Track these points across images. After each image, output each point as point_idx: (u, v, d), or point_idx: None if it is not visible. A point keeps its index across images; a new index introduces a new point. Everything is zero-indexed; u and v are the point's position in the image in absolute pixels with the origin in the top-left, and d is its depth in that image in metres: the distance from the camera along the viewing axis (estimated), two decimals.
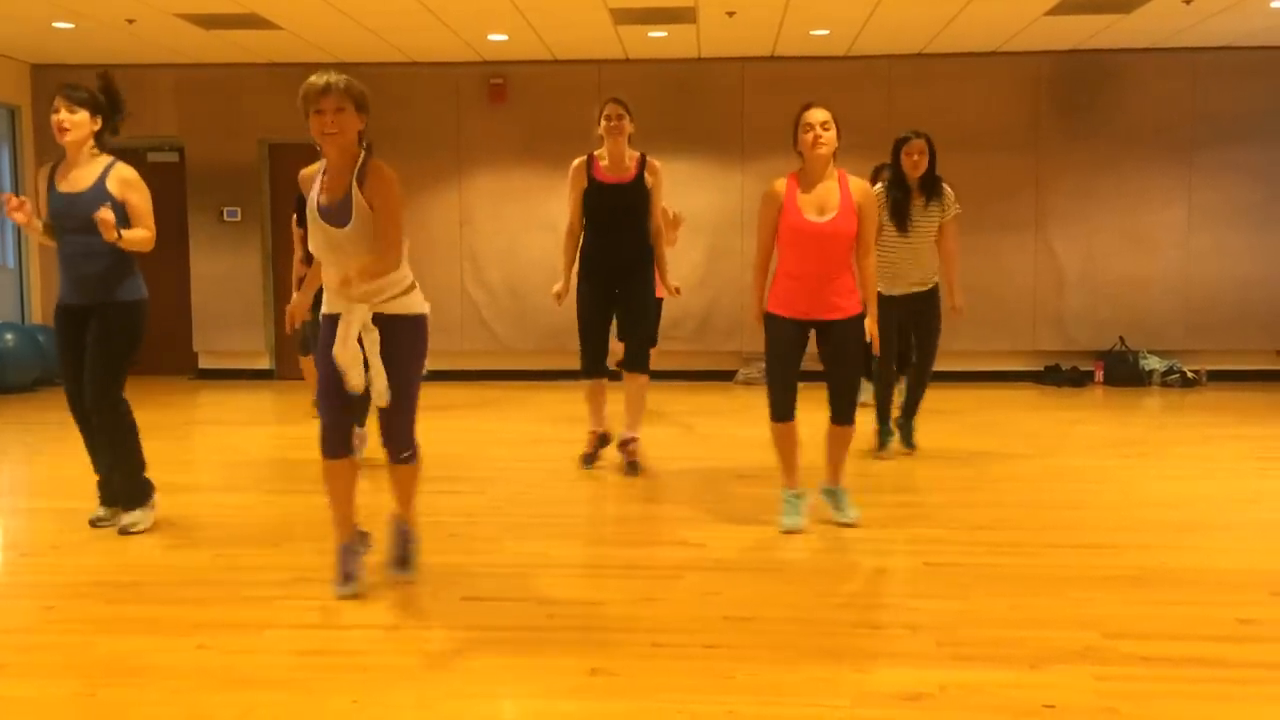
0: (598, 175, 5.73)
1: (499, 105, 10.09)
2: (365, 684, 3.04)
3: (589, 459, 6.02)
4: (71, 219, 4.47)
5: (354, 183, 3.58)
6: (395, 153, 10.66)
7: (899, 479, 5.83)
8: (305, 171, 3.77)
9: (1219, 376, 9.96)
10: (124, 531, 4.61)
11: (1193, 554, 4.35)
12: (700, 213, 9.47)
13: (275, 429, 8.05)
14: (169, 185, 10.40)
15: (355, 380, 3.63)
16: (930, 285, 6.23)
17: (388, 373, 3.66)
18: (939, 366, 6.55)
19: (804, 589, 3.91)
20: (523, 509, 5.20)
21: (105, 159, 4.57)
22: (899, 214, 6.08)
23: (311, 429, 7.32)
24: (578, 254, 5.91)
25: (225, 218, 10.42)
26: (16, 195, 4.52)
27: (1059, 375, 10.00)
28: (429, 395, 8.27)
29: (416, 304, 3.77)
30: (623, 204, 5.72)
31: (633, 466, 5.86)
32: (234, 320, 10.48)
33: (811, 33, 9.14)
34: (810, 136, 4.51)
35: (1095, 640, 3.34)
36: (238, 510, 5.15)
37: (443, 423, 6.38)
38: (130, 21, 8.58)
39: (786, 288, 4.60)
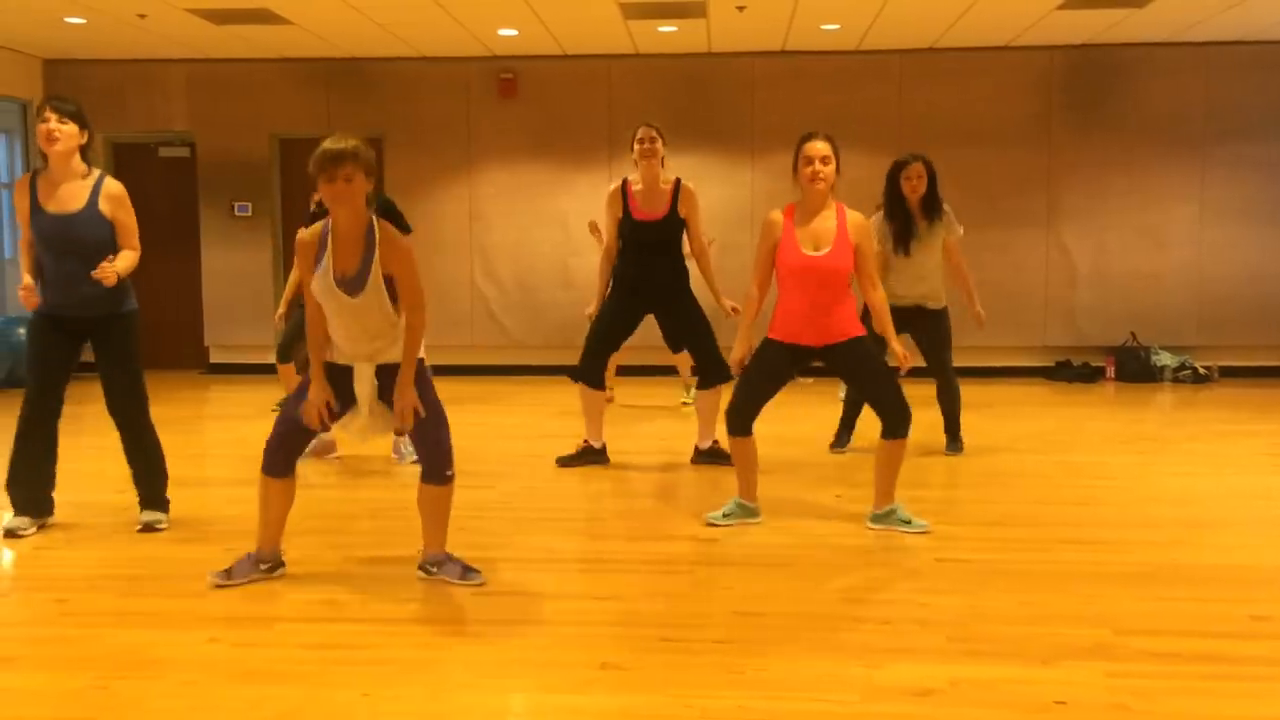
0: (633, 210, 5.74)
1: (509, 100, 10.09)
2: (375, 677, 3.05)
3: (568, 461, 5.98)
4: (67, 242, 4.37)
5: (373, 255, 3.68)
6: (405, 147, 10.71)
7: (909, 475, 5.79)
8: (307, 237, 3.76)
9: (1231, 373, 9.92)
10: (149, 529, 4.59)
11: (1205, 550, 4.34)
12: (709, 208, 9.43)
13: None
14: (180, 180, 10.44)
15: (376, 428, 3.88)
16: (940, 305, 6.16)
17: (424, 408, 3.80)
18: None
19: (814, 584, 3.90)
20: (532, 503, 5.20)
21: (93, 174, 4.48)
22: (902, 241, 6.05)
23: None
24: (612, 275, 5.95)
25: (236, 212, 10.44)
26: (34, 288, 4.47)
27: (1070, 371, 9.97)
28: (438, 389, 8.27)
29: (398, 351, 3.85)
30: (657, 239, 5.76)
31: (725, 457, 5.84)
32: (245, 314, 10.50)
33: (822, 27, 9.11)
34: (810, 171, 4.49)
35: (1107, 636, 3.33)
36: (248, 504, 5.12)
37: (452, 417, 6.38)
38: (142, 16, 8.60)
39: (786, 315, 4.59)
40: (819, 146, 4.52)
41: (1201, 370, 9.77)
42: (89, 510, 4.93)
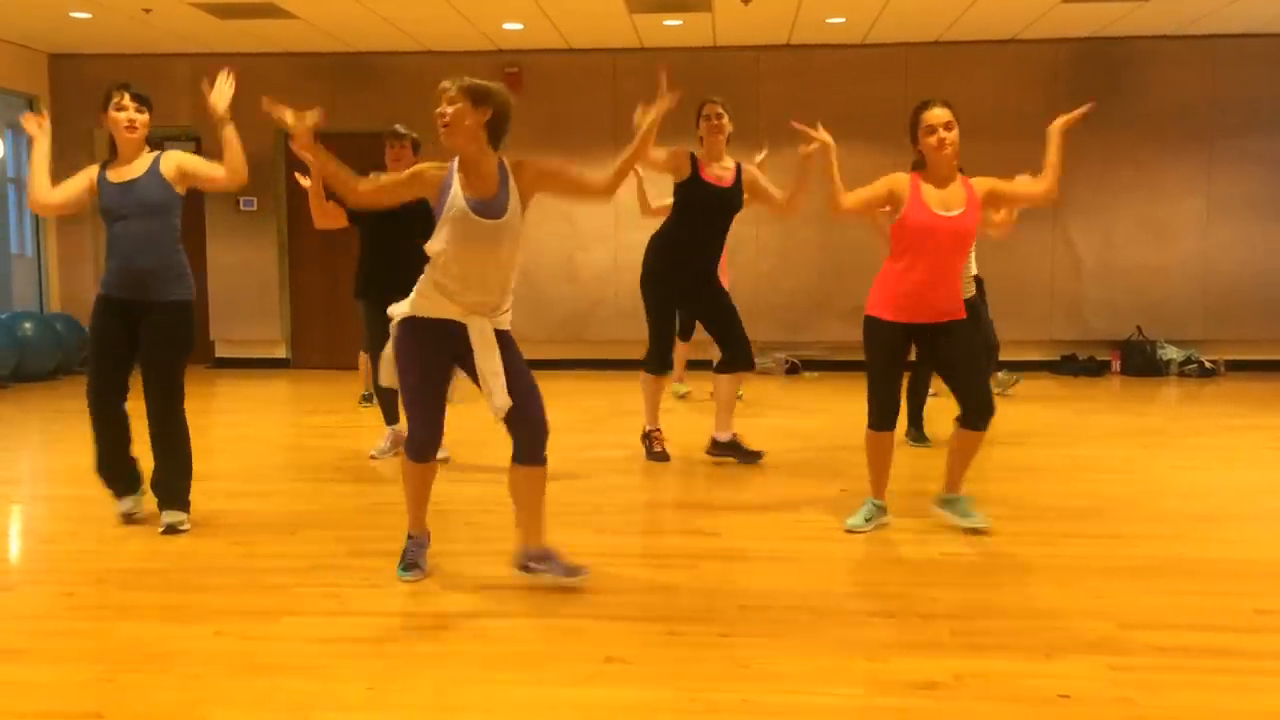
0: (703, 173, 5.65)
1: (514, 94, 10.04)
2: (381, 670, 3.06)
3: (663, 455, 5.97)
4: (127, 206, 4.44)
5: (508, 179, 3.66)
6: None
7: (914, 469, 5.81)
8: (430, 169, 3.72)
9: (1237, 366, 9.90)
10: (173, 530, 4.52)
11: (1210, 544, 4.33)
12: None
13: (292, 418, 8.10)
14: None
15: (503, 398, 3.62)
16: (970, 293, 6.13)
17: (517, 380, 3.67)
18: None
19: (819, 578, 3.91)
20: None
21: (153, 152, 4.61)
22: None
23: (331, 418, 7.35)
24: (661, 242, 5.86)
25: (242, 207, 10.46)
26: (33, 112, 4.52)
27: (1076, 365, 9.96)
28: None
29: (509, 320, 3.82)
30: (719, 206, 5.68)
31: (752, 455, 5.87)
32: (250, 309, 10.53)
33: (828, 20, 9.10)
34: (935, 139, 4.32)
35: (1111, 630, 3.33)
36: (255, 498, 5.18)
37: (456, 411, 6.39)
38: (147, 11, 8.61)
39: (898, 291, 4.41)
40: (940, 113, 4.35)
41: (1208, 364, 9.75)
42: (95, 504, 4.94)
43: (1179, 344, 9.93)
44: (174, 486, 4.63)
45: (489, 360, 3.61)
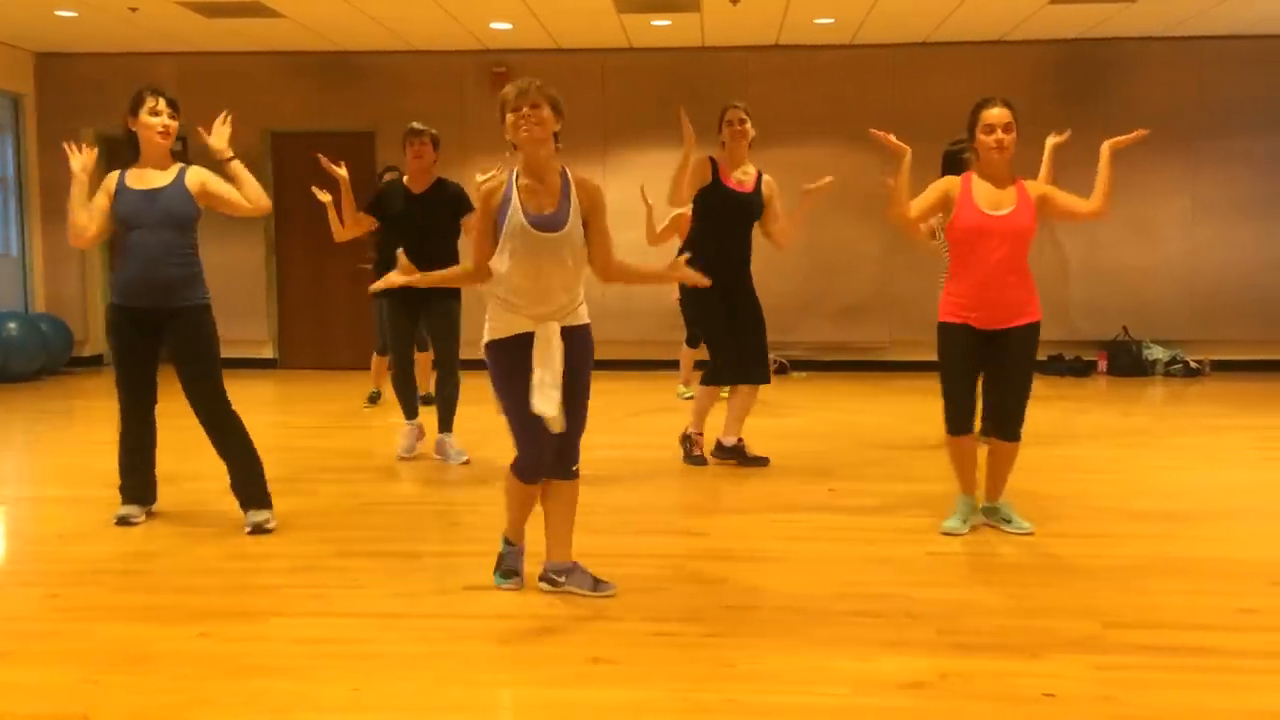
0: (723, 178, 5.63)
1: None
2: (367, 672, 3.06)
3: (701, 459, 5.93)
4: (150, 214, 4.41)
5: (570, 191, 3.59)
6: (398, 141, 10.65)
7: (900, 468, 5.83)
8: (490, 184, 3.64)
9: (1223, 366, 9.96)
10: (260, 530, 4.47)
11: (1194, 543, 4.36)
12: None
13: (278, 418, 8.07)
14: None
15: (545, 408, 3.49)
16: None
17: (571, 386, 3.58)
18: (931, 356, 6.52)
19: (805, 578, 3.92)
20: None
21: (178, 164, 4.57)
22: None
23: (319, 419, 7.30)
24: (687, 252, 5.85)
25: None
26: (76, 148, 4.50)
27: (1062, 365, 10.00)
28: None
29: (586, 312, 3.72)
30: (742, 212, 5.67)
31: (756, 460, 5.86)
32: (237, 309, 10.47)
33: (816, 21, 9.12)
34: (992, 140, 4.27)
35: (1095, 629, 3.35)
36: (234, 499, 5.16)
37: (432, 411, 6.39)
38: (133, 10, 8.58)
39: (962, 294, 4.36)
40: (1000, 113, 4.28)
41: (1193, 364, 9.80)
42: (79, 505, 4.93)
43: (1164, 344, 9.98)
44: (254, 485, 4.60)
45: (545, 371, 3.52)
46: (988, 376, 4.47)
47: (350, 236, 6.23)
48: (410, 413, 6.13)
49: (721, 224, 5.67)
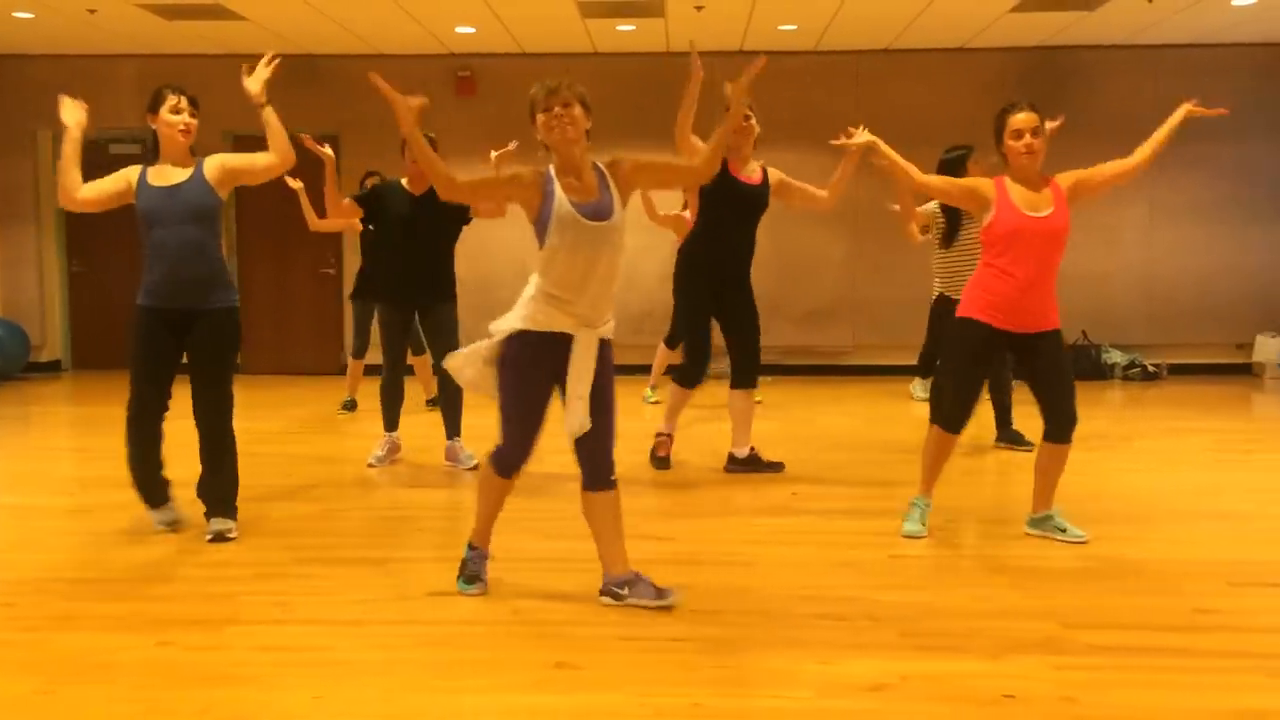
0: (731, 169, 5.50)
1: (466, 98, 10.04)
2: (327, 679, 3.03)
3: (665, 462, 5.91)
4: (173, 211, 4.34)
5: (609, 181, 3.60)
6: (361, 145, 10.59)
7: (866, 472, 5.86)
8: (526, 174, 3.63)
9: (1180, 370, 10.09)
10: (221, 538, 4.42)
11: (1152, 545, 4.41)
12: (669, 208, 9.50)
13: (239, 424, 7.97)
14: None
15: (581, 422, 3.52)
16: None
17: (601, 399, 3.57)
18: (894, 360, 6.60)
19: (769, 582, 3.93)
20: None
21: (195, 158, 4.51)
22: (951, 230, 6.27)
23: (278, 424, 7.22)
24: (692, 247, 5.79)
25: None
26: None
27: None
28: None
29: (612, 328, 3.71)
30: (748, 205, 5.59)
31: (773, 466, 5.82)
32: None
33: (780, 27, 9.17)
34: (1022, 145, 4.25)
35: (1055, 630, 3.38)
36: (200, 506, 5.09)
37: (407, 417, 6.35)
38: (92, 12, 8.48)
39: (996, 297, 4.30)
40: (1027, 117, 4.26)
41: (1151, 368, 9.93)
42: (35, 512, 4.85)
43: (1123, 348, 10.10)
44: (225, 494, 4.55)
45: (580, 382, 3.53)
46: (1034, 384, 4.44)
47: (327, 226, 6.10)
48: (391, 425, 6.04)
49: (730, 217, 5.60)
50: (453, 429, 5.97)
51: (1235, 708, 2.84)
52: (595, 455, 3.63)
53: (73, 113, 4.36)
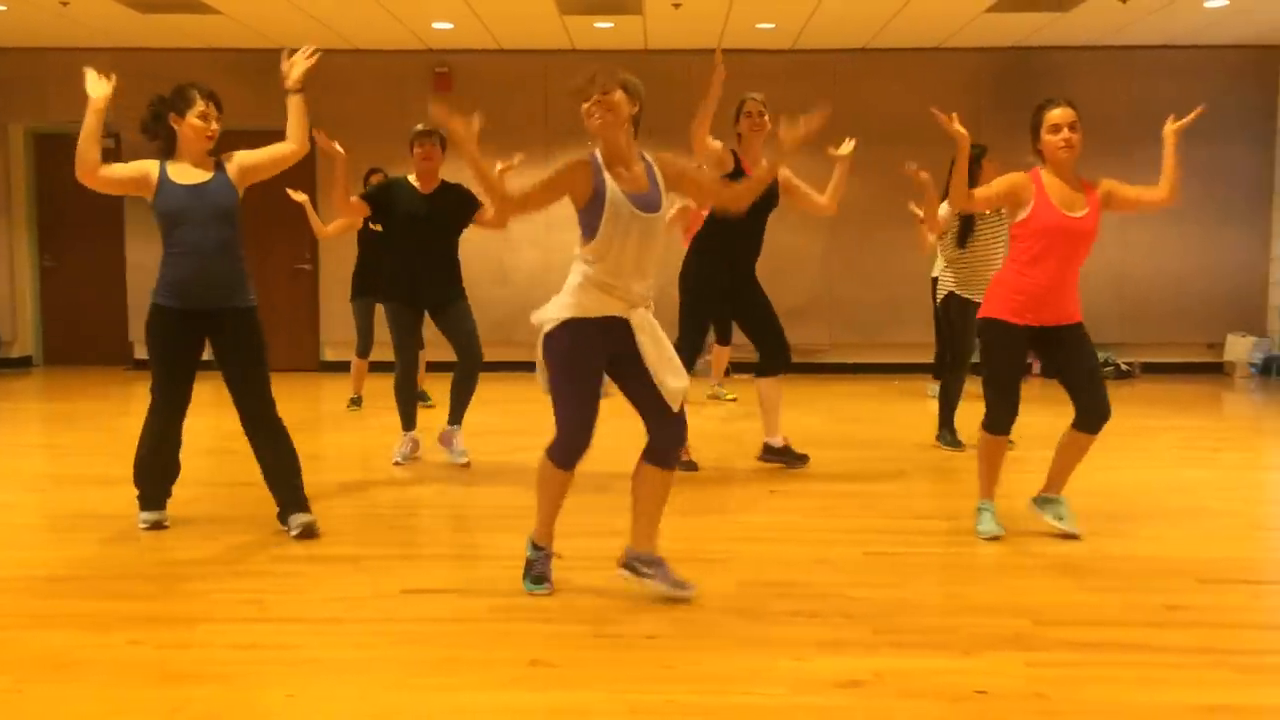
0: (745, 167, 5.45)
1: (444, 95, 10.01)
2: (301, 677, 3.02)
3: (691, 465, 5.83)
4: (200, 210, 4.31)
5: (655, 171, 3.61)
6: (338, 142, 10.55)
7: (839, 469, 5.88)
8: (580, 170, 3.58)
9: (1152, 369, 10.19)
10: (308, 533, 4.39)
11: (1123, 542, 4.45)
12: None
13: (212, 421, 7.91)
14: None
15: (681, 380, 3.59)
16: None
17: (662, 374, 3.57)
18: (871, 359, 6.62)
19: (745, 579, 3.94)
20: (463, 501, 5.18)
21: (212, 157, 4.50)
22: (965, 230, 6.26)
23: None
24: (702, 245, 5.76)
25: None
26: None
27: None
28: (373, 384, 8.17)
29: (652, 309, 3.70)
30: (761, 201, 5.50)
31: (800, 458, 5.83)
32: None
33: (757, 26, 9.19)
34: (1060, 139, 4.26)
35: (1027, 627, 3.41)
36: (174, 503, 5.05)
37: (383, 415, 6.33)
38: (64, 4, 8.40)
39: (1023, 292, 4.32)
40: (1064, 112, 4.27)
41: (1124, 366, 10.03)
42: (5, 509, 4.81)
43: (1096, 347, 10.17)
44: (296, 488, 4.55)
45: (661, 346, 3.56)
46: (1064, 378, 4.47)
47: (338, 230, 6.02)
48: (409, 423, 6.00)
49: (742, 214, 5.62)
50: (456, 416, 5.94)
51: (1205, 703, 2.86)
52: (672, 432, 3.69)
53: (97, 86, 4.32)
